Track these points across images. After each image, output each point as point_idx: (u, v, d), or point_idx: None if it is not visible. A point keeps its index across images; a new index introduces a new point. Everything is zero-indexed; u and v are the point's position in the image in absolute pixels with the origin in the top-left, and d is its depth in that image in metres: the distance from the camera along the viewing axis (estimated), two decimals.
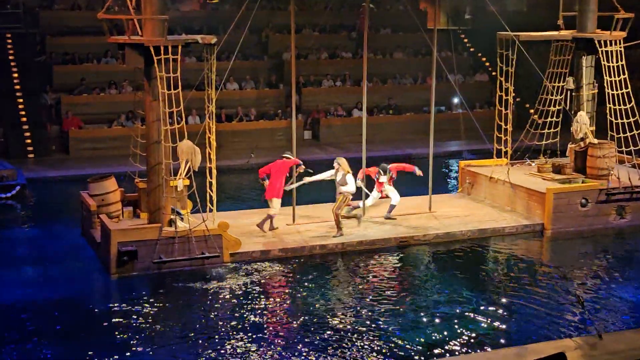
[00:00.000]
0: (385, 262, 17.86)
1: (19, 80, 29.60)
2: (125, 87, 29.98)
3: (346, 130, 30.88)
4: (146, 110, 17.26)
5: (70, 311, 15.09)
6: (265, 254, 17.74)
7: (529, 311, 15.10)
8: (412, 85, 34.17)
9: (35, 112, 28.87)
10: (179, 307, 15.25)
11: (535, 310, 15.15)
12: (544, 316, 14.86)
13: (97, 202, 18.18)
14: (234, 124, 30.21)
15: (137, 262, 16.68)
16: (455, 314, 14.92)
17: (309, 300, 15.55)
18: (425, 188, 20.77)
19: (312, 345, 13.54)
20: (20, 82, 29.56)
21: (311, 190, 23.40)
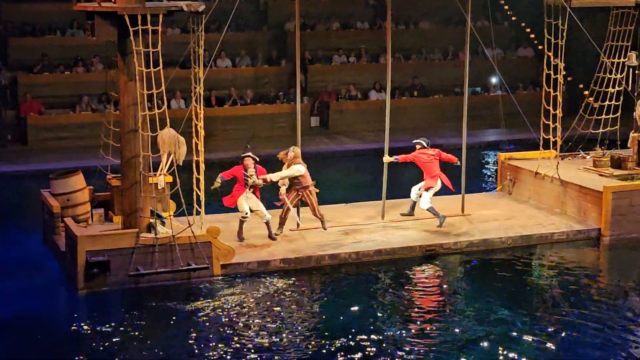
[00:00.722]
0: (408, 276, 17.88)
1: None
2: (95, 65, 30.07)
3: (361, 116, 30.95)
4: (120, 92, 17.30)
5: (30, 333, 15.13)
6: (264, 266, 17.78)
7: (582, 334, 15.09)
8: (441, 62, 34.18)
9: None
10: (158, 329, 15.29)
11: (591, 333, 15.14)
12: (600, 341, 14.86)
13: (62, 202, 18.23)
14: (226, 108, 30.29)
15: (109, 275, 16.73)
16: (494, 336, 14.92)
17: (316, 321, 15.58)
18: (456, 185, 20.76)
19: None
20: None
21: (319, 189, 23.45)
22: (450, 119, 30.47)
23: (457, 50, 33.71)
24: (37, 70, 29.76)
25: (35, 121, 28.50)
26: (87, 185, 18.66)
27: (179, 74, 19.72)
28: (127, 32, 16.67)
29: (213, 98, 30.11)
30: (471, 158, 23.05)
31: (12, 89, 29.65)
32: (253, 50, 32.53)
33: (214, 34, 26.54)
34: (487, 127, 30.86)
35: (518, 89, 32.63)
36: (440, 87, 33.20)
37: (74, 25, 30.97)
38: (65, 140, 28.29)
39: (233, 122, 30.07)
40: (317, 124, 31.56)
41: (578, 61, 30.36)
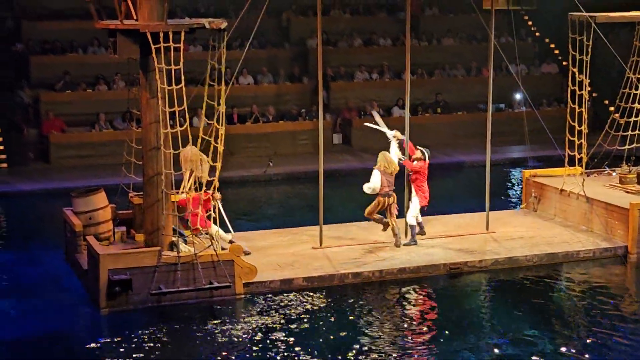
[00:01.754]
0: (432, 294, 17.81)
1: None
2: (117, 83, 30.19)
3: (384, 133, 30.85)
4: (142, 110, 17.36)
5: (52, 353, 15.16)
6: (287, 284, 17.75)
7: (609, 354, 14.98)
8: (464, 78, 34.15)
9: (8, 112, 29.14)
10: (181, 349, 15.27)
11: (618, 352, 15.03)
12: None
13: (84, 220, 18.28)
14: (248, 125, 30.32)
15: (131, 293, 16.75)
16: (520, 356, 14.84)
17: (339, 340, 15.52)
18: (481, 203, 20.69)
19: None
20: None
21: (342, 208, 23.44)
22: (474, 135, 30.41)
23: (481, 66, 33.69)
24: (58, 87, 29.90)
25: (58, 139, 28.63)
26: (109, 203, 18.72)
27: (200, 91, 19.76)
28: (149, 49, 16.74)
29: (235, 115, 30.17)
30: (495, 175, 22.96)
31: (35, 108, 29.82)
32: (275, 67, 32.59)
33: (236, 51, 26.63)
34: (511, 144, 30.77)
35: (542, 105, 32.55)
36: (464, 104, 33.15)
37: (96, 43, 31.13)
38: (87, 158, 28.40)
39: (255, 139, 30.11)
40: (340, 141, 31.57)
41: (603, 77, 30.25)
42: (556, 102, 33.42)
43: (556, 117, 26.79)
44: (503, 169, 28.63)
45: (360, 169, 27.81)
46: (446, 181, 26.12)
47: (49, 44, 31.18)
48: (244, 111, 30.64)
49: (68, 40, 31.32)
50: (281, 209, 24.55)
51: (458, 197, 24.11)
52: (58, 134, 28.72)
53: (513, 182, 27.71)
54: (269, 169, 27.46)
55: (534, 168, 24.00)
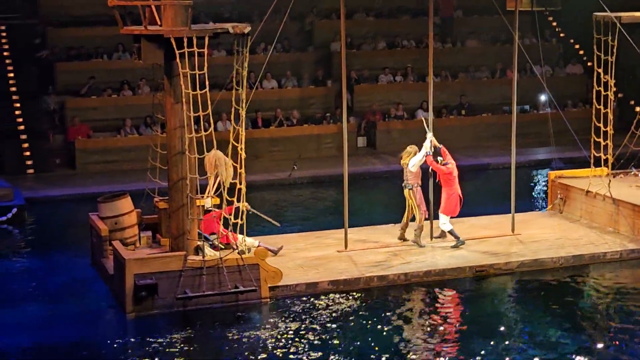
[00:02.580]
0: (458, 297, 17.77)
1: (14, 80, 30.09)
2: (142, 88, 30.32)
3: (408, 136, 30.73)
4: (167, 115, 17.43)
5: (78, 357, 15.24)
6: (312, 288, 17.76)
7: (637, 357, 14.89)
8: (489, 80, 34.06)
9: (34, 118, 29.32)
10: (207, 353, 15.32)
11: None
12: None
13: (109, 225, 18.37)
14: (272, 129, 30.36)
15: (157, 297, 16.81)
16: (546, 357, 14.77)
17: (365, 344, 15.51)
18: (507, 205, 20.63)
19: None
20: (16, 82, 30.04)
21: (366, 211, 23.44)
22: (499, 137, 30.34)
23: (505, 68, 33.58)
24: (84, 92, 30.04)
25: (83, 145, 28.77)
26: (134, 208, 18.80)
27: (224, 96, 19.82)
28: (174, 54, 16.80)
29: (259, 119, 30.23)
30: (521, 177, 22.92)
31: (60, 114, 29.98)
32: (299, 71, 32.62)
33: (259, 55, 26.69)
34: (536, 145, 30.66)
35: (567, 106, 32.42)
36: (488, 106, 33.07)
37: (120, 48, 31.27)
38: (113, 164, 28.53)
39: (279, 143, 30.15)
40: (364, 144, 31.58)
41: (628, 77, 30.10)
42: (581, 103, 33.26)
43: (581, 118, 26.68)
44: (528, 171, 28.53)
45: (384, 172, 27.86)
46: (471, 183, 26.01)
47: (74, 50, 31.35)
48: (268, 115, 30.68)
49: (93, 46, 31.48)
50: (306, 213, 24.56)
51: (483, 199, 24.04)
52: (84, 140, 28.86)
53: (538, 183, 27.61)
54: (294, 172, 27.48)
55: (559, 169, 23.91)
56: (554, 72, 34.66)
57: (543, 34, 34.35)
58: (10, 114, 29.21)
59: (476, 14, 36.12)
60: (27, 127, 28.99)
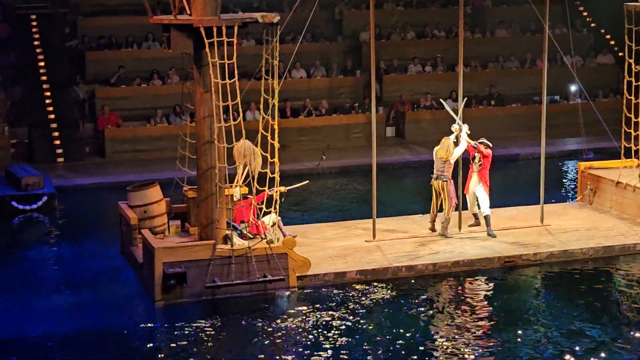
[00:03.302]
0: (486, 287, 17.74)
1: (45, 70, 30.26)
2: (171, 77, 30.41)
3: (437, 126, 30.74)
4: (196, 104, 17.47)
5: (108, 345, 15.34)
6: (341, 277, 17.78)
7: None
8: (518, 70, 33.89)
9: (65, 107, 29.47)
10: (235, 341, 15.37)
11: None
12: None
13: (139, 214, 18.45)
14: (301, 119, 30.37)
15: (186, 286, 16.88)
16: (575, 350, 14.73)
17: (394, 333, 15.52)
18: (536, 195, 20.55)
19: None
20: (47, 72, 30.21)
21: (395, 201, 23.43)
22: (528, 128, 30.16)
23: (535, 58, 33.40)
24: (113, 82, 30.18)
25: (113, 134, 28.89)
26: (163, 197, 18.87)
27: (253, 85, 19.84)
28: (203, 44, 16.83)
29: (288, 109, 30.24)
30: (550, 168, 22.82)
31: (90, 103, 30.14)
32: (328, 60, 32.58)
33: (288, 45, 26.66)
34: (566, 136, 30.49)
35: (598, 96, 32.22)
36: (518, 96, 32.92)
37: (150, 38, 31.36)
38: (142, 153, 28.63)
39: (308, 133, 30.16)
40: (393, 134, 31.54)
41: None
42: (612, 93, 33.04)
43: (612, 109, 26.46)
44: (558, 162, 28.39)
45: (413, 162, 27.81)
46: (500, 174, 25.93)
47: (104, 39, 31.48)
48: (297, 105, 30.70)
49: (123, 35, 31.58)
50: (334, 202, 24.57)
51: (512, 189, 23.95)
52: (113, 129, 28.99)
53: (568, 174, 27.48)
54: (322, 162, 27.47)
55: (589, 160, 23.78)
56: (585, 63, 34.44)
57: (574, 23, 34.10)
58: (41, 103, 29.39)
59: (506, 4, 35.97)
60: (58, 116, 29.16)
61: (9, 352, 15.05)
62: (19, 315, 16.59)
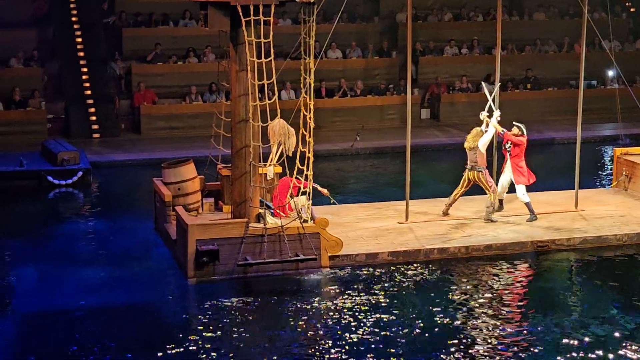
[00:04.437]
0: (519, 271, 17.69)
1: (82, 46, 30.40)
2: (208, 55, 30.48)
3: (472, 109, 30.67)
4: (232, 82, 17.50)
5: (140, 321, 15.44)
6: (372, 258, 17.79)
7: None
8: (556, 54, 33.67)
9: (101, 83, 29.64)
10: (266, 320, 15.43)
11: None
12: None
13: (173, 191, 18.54)
14: (335, 99, 30.36)
15: (218, 263, 16.96)
16: (607, 336, 14.66)
17: (424, 315, 15.51)
18: (571, 180, 20.43)
19: None
20: (84, 48, 30.35)
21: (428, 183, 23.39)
22: (565, 112, 30.03)
23: (573, 42, 33.18)
24: (150, 60, 30.30)
25: (149, 111, 29.03)
26: (198, 175, 18.94)
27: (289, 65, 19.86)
28: (240, 22, 16.84)
29: (323, 89, 30.23)
30: (586, 153, 22.66)
31: (126, 79, 30.30)
32: (364, 41, 32.53)
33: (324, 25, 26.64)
34: (602, 121, 30.29)
35: (635, 82, 31.97)
36: (555, 80, 32.72)
37: (187, 15, 31.42)
38: (177, 130, 28.77)
39: (342, 113, 30.15)
40: (428, 116, 31.48)
41: None
42: None
43: None
44: (593, 147, 28.20)
45: (447, 145, 27.73)
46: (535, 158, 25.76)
47: (141, 16, 31.58)
48: (332, 85, 30.69)
49: (160, 12, 31.67)
50: (367, 184, 24.56)
51: (547, 174, 23.82)
52: (149, 106, 29.12)
53: (604, 160, 27.30)
54: (356, 143, 27.47)
55: (625, 146, 23.63)
56: (623, 48, 34.16)
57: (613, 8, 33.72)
58: (78, 79, 29.56)
59: None
60: (94, 92, 29.32)
61: (42, 324, 15.21)
62: (54, 288, 16.75)
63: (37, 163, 24.41)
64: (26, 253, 18.74)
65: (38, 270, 17.74)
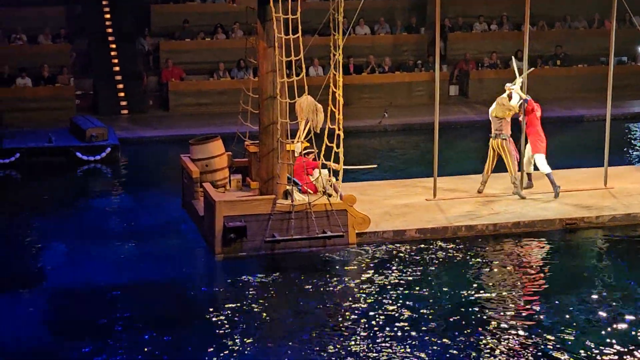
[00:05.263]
0: (547, 249, 17.62)
1: (111, 22, 30.45)
2: (236, 32, 30.45)
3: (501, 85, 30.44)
4: (259, 59, 17.47)
5: (167, 296, 15.52)
6: (400, 235, 17.77)
7: None
8: (586, 30, 33.37)
9: (129, 60, 29.69)
10: (293, 296, 15.45)
11: None
12: None
13: (200, 167, 18.57)
14: (364, 76, 30.27)
15: (246, 240, 16.99)
16: (632, 315, 14.58)
17: (452, 292, 15.48)
18: (600, 157, 20.29)
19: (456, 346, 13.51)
20: (112, 24, 30.40)
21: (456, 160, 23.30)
22: (594, 89, 29.77)
23: (603, 18, 32.86)
24: (178, 36, 30.32)
25: (176, 87, 29.07)
26: (225, 151, 18.95)
27: (317, 41, 19.79)
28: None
29: (351, 66, 30.14)
30: (615, 130, 22.47)
31: (155, 56, 30.34)
32: (392, 17, 32.38)
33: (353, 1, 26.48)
34: (633, 98, 30.05)
35: None
36: (585, 57, 32.43)
37: None
38: (205, 106, 28.80)
39: (370, 90, 30.07)
40: (456, 92, 31.33)
41: None
42: None
43: None
44: (623, 124, 28.00)
45: (476, 121, 27.60)
46: (565, 135, 25.71)
47: None
48: (360, 61, 30.60)
49: None
50: (395, 160, 24.51)
51: (576, 151, 23.69)
52: (177, 82, 29.16)
53: (634, 137, 27.09)
54: (384, 119, 27.40)
55: None
56: None
57: None
58: (106, 55, 29.63)
59: None
60: (122, 68, 29.39)
61: (71, 299, 15.33)
62: (82, 264, 16.85)
63: (65, 139, 24.53)
64: (54, 229, 18.85)
65: (66, 246, 17.85)
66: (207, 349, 13.42)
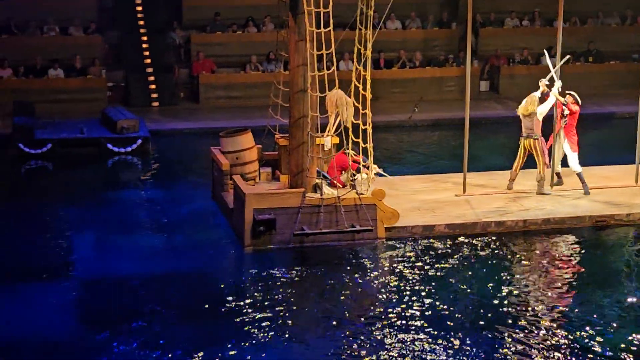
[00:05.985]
0: (576, 246, 17.54)
1: (142, 15, 30.54)
2: (267, 25, 30.48)
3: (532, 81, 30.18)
4: (290, 52, 17.48)
5: (195, 288, 15.57)
6: (429, 230, 17.74)
7: None
8: (618, 26, 33.17)
9: (161, 52, 29.77)
10: (321, 290, 15.47)
11: None
12: None
13: (231, 160, 18.61)
14: (394, 70, 30.23)
15: (275, 233, 17.03)
16: None
17: (480, 288, 15.45)
18: (631, 155, 20.16)
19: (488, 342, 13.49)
20: (144, 17, 30.49)
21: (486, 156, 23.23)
22: (626, 86, 29.51)
23: (636, 15, 32.67)
24: (209, 29, 30.40)
25: (207, 80, 29.14)
26: (255, 144, 18.99)
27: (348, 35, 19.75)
28: None
29: (382, 60, 30.11)
30: None
31: (186, 48, 30.44)
32: (423, 12, 32.30)
33: None
34: None
35: None
36: (617, 53, 32.23)
37: None
38: (236, 99, 28.85)
39: (400, 85, 30.02)
40: (487, 88, 31.22)
41: None
42: None
43: None
44: None
45: (506, 117, 27.47)
46: (596, 132, 25.55)
47: None
48: (391, 56, 30.55)
49: None
50: (425, 156, 24.47)
51: (607, 148, 23.55)
52: (208, 75, 29.23)
53: None
54: (414, 114, 27.36)
55: None
56: None
57: None
58: (138, 48, 29.73)
59: None
60: (154, 60, 29.48)
61: (100, 289, 15.43)
62: (111, 254, 16.95)
63: (97, 130, 24.65)
64: (85, 220, 18.96)
65: (96, 237, 17.96)
66: (232, 341, 13.46)
